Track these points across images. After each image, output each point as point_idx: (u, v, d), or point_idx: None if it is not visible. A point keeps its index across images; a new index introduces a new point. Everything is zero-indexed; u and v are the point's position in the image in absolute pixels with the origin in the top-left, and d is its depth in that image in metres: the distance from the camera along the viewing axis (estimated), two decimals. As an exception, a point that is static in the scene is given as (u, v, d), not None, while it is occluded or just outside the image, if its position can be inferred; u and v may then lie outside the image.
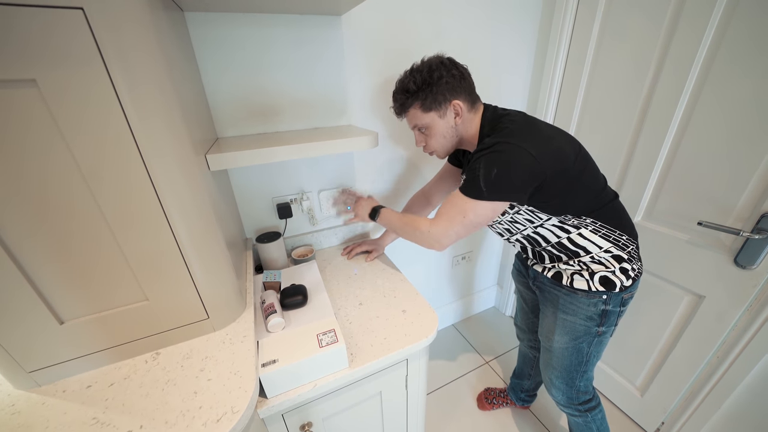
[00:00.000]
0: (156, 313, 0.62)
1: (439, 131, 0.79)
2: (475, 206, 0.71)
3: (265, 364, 0.63)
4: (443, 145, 0.82)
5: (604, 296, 0.80)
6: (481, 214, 0.72)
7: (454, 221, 0.74)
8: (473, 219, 0.72)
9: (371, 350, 0.75)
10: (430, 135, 0.81)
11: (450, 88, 0.74)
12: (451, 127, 0.79)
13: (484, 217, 0.73)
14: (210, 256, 0.65)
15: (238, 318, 0.73)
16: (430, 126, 0.79)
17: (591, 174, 0.77)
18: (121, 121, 0.48)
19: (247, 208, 1.08)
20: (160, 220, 0.56)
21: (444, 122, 0.78)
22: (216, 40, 0.84)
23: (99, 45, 0.43)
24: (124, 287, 0.58)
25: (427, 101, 0.75)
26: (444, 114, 0.77)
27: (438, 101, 0.75)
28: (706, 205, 0.93)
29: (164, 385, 0.58)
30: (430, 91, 0.74)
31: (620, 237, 0.79)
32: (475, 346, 1.71)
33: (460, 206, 0.73)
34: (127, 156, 0.50)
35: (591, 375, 0.94)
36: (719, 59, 0.84)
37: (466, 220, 0.73)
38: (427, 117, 0.77)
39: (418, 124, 0.80)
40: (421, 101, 0.76)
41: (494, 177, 0.67)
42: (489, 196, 0.68)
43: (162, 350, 0.65)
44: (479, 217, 0.72)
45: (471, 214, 0.72)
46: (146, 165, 0.52)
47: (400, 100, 0.79)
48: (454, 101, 0.75)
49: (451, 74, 0.74)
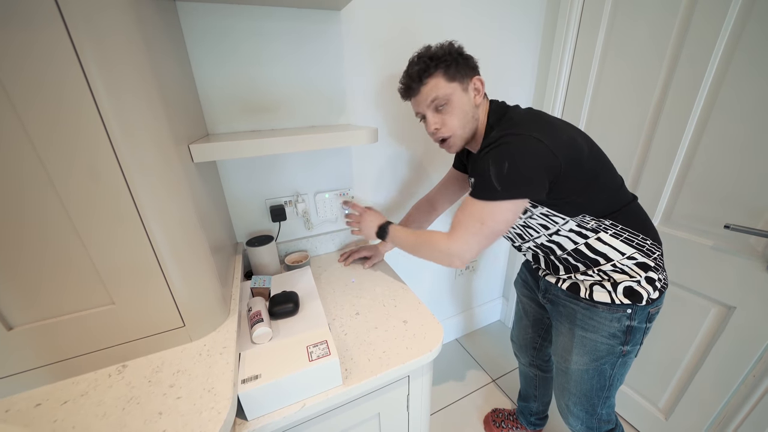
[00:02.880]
0: (123, 319, 0.55)
1: (461, 107, 0.70)
2: (493, 210, 0.63)
3: (246, 380, 0.55)
4: (463, 125, 0.71)
5: (628, 310, 0.71)
6: (501, 218, 0.63)
7: (471, 231, 0.66)
8: (492, 225, 0.64)
9: (368, 365, 0.66)
10: (450, 111, 0.70)
11: (472, 65, 0.71)
12: (472, 106, 0.72)
13: (504, 221, 0.64)
14: (189, 256, 0.58)
15: (219, 327, 0.65)
16: (450, 99, 0.69)
17: (607, 170, 0.70)
18: (83, 93, 0.42)
19: (238, 210, 1.01)
20: (130, 211, 0.49)
21: (466, 98, 0.70)
22: (209, 32, 0.80)
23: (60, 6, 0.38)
24: (87, 288, 0.51)
25: (451, 69, 0.68)
26: (467, 88, 0.70)
27: (462, 72, 0.69)
28: (731, 207, 0.86)
29: (126, 403, 0.49)
30: (455, 60, 0.68)
31: (644, 242, 0.71)
32: (481, 363, 1.60)
33: (476, 213, 0.64)
34: (91, 134, 0.44)
35: (613, 401, 0.84)
36: (740, 52, 0.79)
37: (485, 227, 0.64)
38: (450, 87, 0.68)
39: (439, 95, 0.68)
40: (445, 68, 0.68)
41: (507, 171, 0.59)
42: (505, 194, 0.60)
43: (130, 362, 0.57)
44: (499, 222, 0.64)
45: (489, 220, 0.63)
46: (113, 144, 0.46)
47: (421, 65, 0.68)
48: (476, 77, 0.71)
49: (467, 56, 0.71)
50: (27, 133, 0.42)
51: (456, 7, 1.07)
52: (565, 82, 1.22)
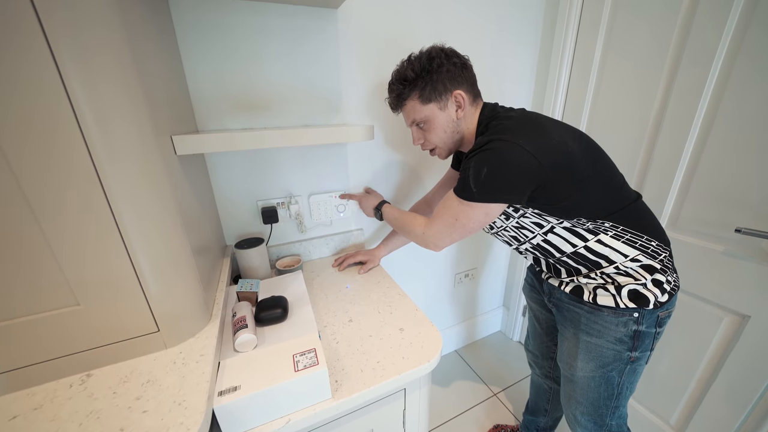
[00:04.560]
0: (90, 323, 0.50)
1: (440, 125, 0.71)
2: (467, 210, 0.64)
3: (224, 392, 0.50)
4: (444, 140, 0.74)
5: (635, 314, 0.67)
6: (474, 219, 0.65)
7: (445, 224, 0.69)
8: (465, 223, 0.66)
9: (361, 377, 0.61)
10: (430, 129, 0.73)
11: (451, 77, 0.68)
12: (452, 121, 0.71)
13: (476, 221, 0.66)
14: (166, 255, 0.53)
15: (198, 333, 0.60)
16: (429, 120, 0.71)
17: (605, 171, 0.67)
18: (49, 68, 0.39)
19: (227, 211, 0.97)
20: (99, 201, 0.45)
21: (445, 115, 0.71)
22: (201, 26, 0.78)
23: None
24: (48, 286, 0.46)
25: (426, 91, 0.68)
26: (445, 106, 0.70)
27: (438, 91, 0.68)
28: (741, 210, 0.83)
29: (84, 418, 0.44)
30: (429, 80, 0.68)
31: (648, 243, 0.67)
32: (482, 376, 1.52)
33: (452, 209, 0.67)
34: (58, 119, 0.40)
35: (624, 411, 0.79)
36: (745, 46, 0.77)
37: (458, 224, 0.67)
38: (426, 109, 0.70)
39: (416, 118, 0.72)
40: (420, 91, 0.69)
41: (484, 177, 0.59)
42: (480, 197, 0.62)
43: (95, 371, 0.52)
44: (471, 221, 0.66)
45: (463, 218, 0.66)
46: (81, 128, 0.42)
47: (397, 91, 0.72)
48: (456, 92, 0.69)
49: (452, 62, 0.68)
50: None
51: (453, 7, 1.06)
52: (565, 84, 1.21)
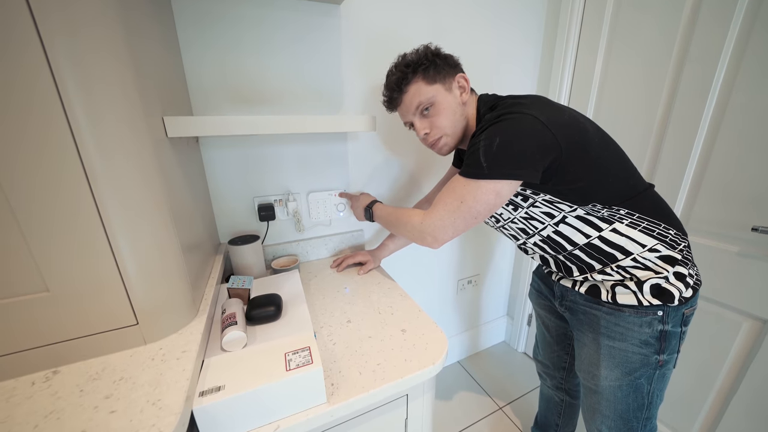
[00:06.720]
0: (59, 311, 0.45)
1: (448, 106, 0.68)
2: (476, 188, 0.58)
3: (205, 392, 0.44)
4: (453, 123, 0.69)
5: (659, 312, 0.62)
6: (482, 199, 0.58)
7: (448, 209, 0.62)
8: (472, 205, 0.59)
9: (359, 380, 0.55)
10: (436, 113, 0.68)
11: (451, 63, 0.69)
12: (459, 104, 0.69)
13: (484, 203, 0.59)
14: (150, 241, 0.49)
15: (182, 329, 0.55)
16: (435, 101, 0.67)
17: (617, 155, 0.63)
18: (30, 33, 0.36)
19: (223, 206, 0.93)
20: (75, 171, 0.41)
21: (451, 97, 0.68)
22: (200, 14, 0.77)
23: None
24: (12, 267, 0.41)
25: (429, 72, 0.67)
26: (450, 88, 0.68)
27: (441, 73, 0.67)
28: (756, 208, 0.80)
29: (42, 419, 0.38)
30: (432, 63, 0.67)
31: (667, 231, 0.63)
32: (486, 388, 1.45)
33: (457, 190, 0.60)
34: (37, 88, 0.37)
35: (655, 424, 0.72)
36: (753, 38, 0.76)
37: (464, 206, 0.60)
38: (432, 89, 0.67)
39: (422, 100, 0.68)
40: (423, 72, 0.67)
41: (497, 148, 0.55)
42: (490, 172, 0.56)
43: (63, 368, 0.46)
44: (479, 203, 0.59)
45: (470, 199, 0.59)
46: (62, 99, 0.38)
47: (400, 73, 0.68)
48: (459, 74, 0.68)
49: (445, 55, 0.69)
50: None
51: (455, 4, 1.05)
52: (569, 80, 1.19)
